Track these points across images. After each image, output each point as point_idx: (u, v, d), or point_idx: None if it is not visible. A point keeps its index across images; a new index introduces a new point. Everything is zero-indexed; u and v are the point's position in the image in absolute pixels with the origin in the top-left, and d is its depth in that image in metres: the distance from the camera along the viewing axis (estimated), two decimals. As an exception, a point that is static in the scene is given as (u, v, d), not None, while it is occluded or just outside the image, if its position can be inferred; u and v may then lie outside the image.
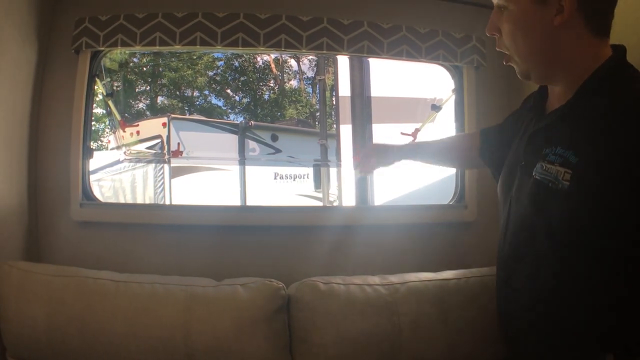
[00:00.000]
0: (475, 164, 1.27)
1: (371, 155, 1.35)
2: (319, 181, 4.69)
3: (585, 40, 0.82)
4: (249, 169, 4.77)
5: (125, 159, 4.36)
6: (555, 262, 0.84)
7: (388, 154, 1.34)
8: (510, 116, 1.15)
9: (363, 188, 3.73)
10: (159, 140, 4.49)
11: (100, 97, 2.14)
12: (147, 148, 4.52)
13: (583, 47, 0.83)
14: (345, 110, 4.08)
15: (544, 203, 0.84)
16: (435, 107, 1.86)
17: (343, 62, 4.12)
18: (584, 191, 0.77)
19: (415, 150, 1.36)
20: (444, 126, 1.87)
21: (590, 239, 0.79)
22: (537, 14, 0.82)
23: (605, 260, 0.78)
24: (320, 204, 4.53)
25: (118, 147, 4.33)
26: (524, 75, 0.90)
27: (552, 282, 0.85)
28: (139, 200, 4.59)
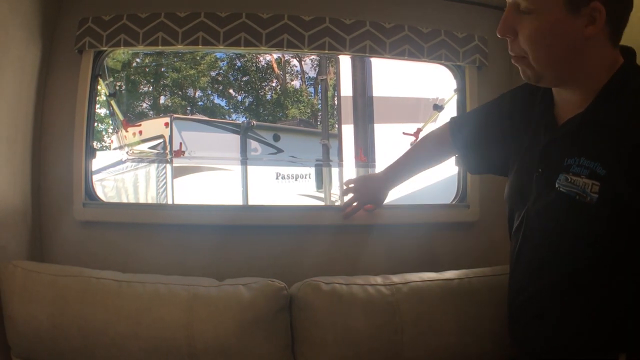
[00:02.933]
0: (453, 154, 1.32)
1: (365, 203, 1.45)
2: (321, 181, 4.69)
3: (606, 49, 0.82)
4: (251, 169, 4.77)
5: (127, 158, 4.37)
6: (581, 270, 0.84)
7: (377, 195, 1.43)
8: (494, 107, 1.15)
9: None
10: (161, 140, 4.50)
11: (104, 97, 2.15)
12: (150, 148, 4.52)
13: (603, 56, 0.82)
14: (347, 110, 4.08)
15: (571, 216, 0.83)
16: (437, 107, 1.86)
17: (345, 62, 4.12)
18: (614, 203, 0.76)
19: (397, 175, 1.40)
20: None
21: (618, 250, 0.79)
22: (569, 23, 0.79)
23: (629, 268, 0.78)
24: (322, 204, 4.53)
25: (121, 147, 4.33)
26: (534, 79, 0.87)
27: (573, 289, 0.85)
28: (142, 200, 4.59)
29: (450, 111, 1.78)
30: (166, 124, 4.54)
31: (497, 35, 0.86)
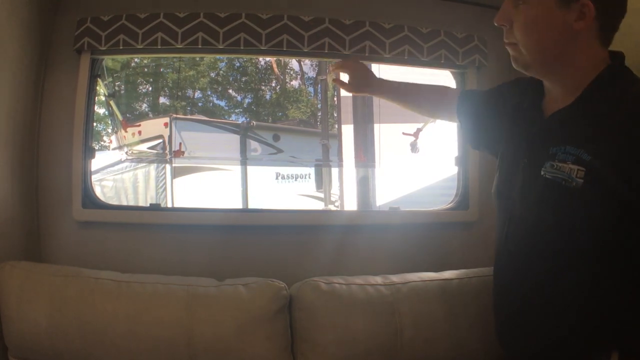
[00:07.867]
0: (447, 117, 1.31)
1: (352, 70, 1.39)
2: (321, 181, 4.69)
3: (593, 47, 0.85)
4: (250, 169, 4.77)
5: (127, 159, 4.36)
6: (568, 260, 0.84)
7: (365, 81, 1.38)
8: (497, 91, 1.16)
9: (365, 189, 3.73)
10: (160, 141, 4.49)
11: (103, 97, 2.14)
12: (149, 148, 4.52)
13: (590, 53, 0.85)
14: (347, 110, 4.09)
15: (557, 202, 0.84)
16: (437, 107, 1.85)
17: (345, 62, 4.11)
18: (598, 188, 0.78)
19: (395, 90, 1.39)
20: (445, 126, 1.87)
21: (604, 236, 0.80)
22: (559, 15, 0.83)
23: (616, 257, 0.79)
24: (321, 204, 4.53)
25: (120, 148, 4.33)
26: (522, 67, 0.91)
27: (565, 280, 0.85)
28: (141, 200, 4.59)
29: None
30: (165, 124, 4.54)
31: (494, 23, 0.91)
